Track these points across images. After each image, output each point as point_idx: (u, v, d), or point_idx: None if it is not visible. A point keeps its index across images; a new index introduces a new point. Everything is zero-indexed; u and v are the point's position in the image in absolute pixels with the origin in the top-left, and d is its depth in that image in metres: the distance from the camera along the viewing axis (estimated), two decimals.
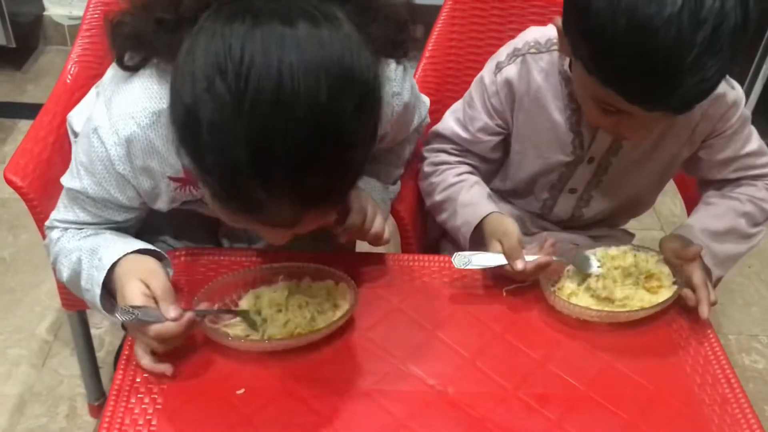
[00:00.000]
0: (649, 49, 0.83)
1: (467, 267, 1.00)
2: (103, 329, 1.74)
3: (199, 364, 0.90)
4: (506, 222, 1.06)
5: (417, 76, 1.37)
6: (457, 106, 1.21)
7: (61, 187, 1.02)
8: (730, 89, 1.07)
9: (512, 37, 1.40)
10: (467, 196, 1.14)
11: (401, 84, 1.01)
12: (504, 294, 1.03)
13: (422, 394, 0.89)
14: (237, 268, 1.01)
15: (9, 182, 1.08)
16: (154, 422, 0.83)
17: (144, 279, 0.87)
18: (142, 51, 0.89)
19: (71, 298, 1.28)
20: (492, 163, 1.21)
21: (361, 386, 0.90)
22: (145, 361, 0.88)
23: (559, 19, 0.97)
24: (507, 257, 1.00)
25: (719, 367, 0.96)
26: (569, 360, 0.95)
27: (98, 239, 0.96)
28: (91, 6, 1.31)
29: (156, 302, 0.86)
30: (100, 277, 0.90)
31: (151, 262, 0.91)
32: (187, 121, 0.71)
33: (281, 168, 0.69)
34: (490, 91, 1.13)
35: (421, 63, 1.38)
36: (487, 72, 1.14)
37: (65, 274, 0.97)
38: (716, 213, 1.11)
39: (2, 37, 2.42)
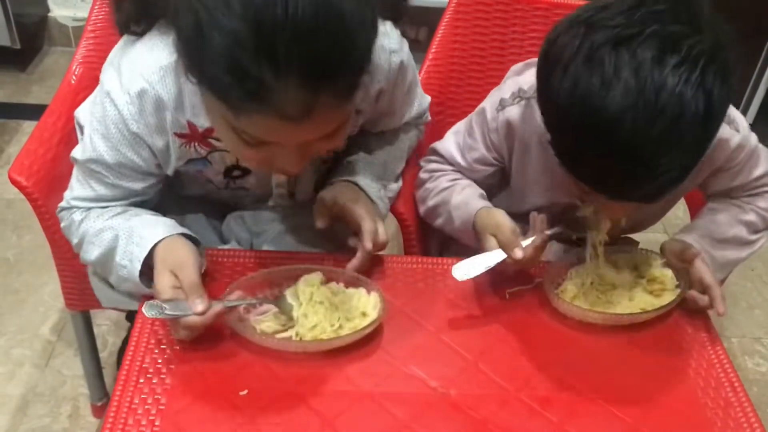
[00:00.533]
0: (604, 143, 0.80)
1: (469, 278, 0.98)
2: (106, 329, 1.75)
3: (203, 365, 0.90)
4: (496, 214, 1.03)
5: (420, 77, 1.37)
6: (459, 128, 1.19)
7: (65, 186, 1.03)
8: (735, 133, 1.04)
9: (515, 41, 1.42)
10: (459, 198, 1.12)
11: (399, 43, 1.01)
12: (507, 296, 1.03)
13: (425, 396, 0.90)
14: (256, 269, 1.01)
15: (14, 182, 1.08)
16: (157, 423, 0.83)
17: (174, 270, 0.89)
18: (146, 15, 0.92)
19: (75, 297, 1.29)
20: (487, 186, 1.19)
21: (364, 388, 0.90)
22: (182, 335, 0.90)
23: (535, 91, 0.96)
24: (504, 249, 0.98)
25: (722, 370, 0.96)
26: (572, 362, 0.95)
27: (134, 218, 0.97)
28: (96, 7, 1.32)
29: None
30: (142, 254, 0.92)
31: (184, 252, 0.92)
32: (193, 24, 0.72)
33: (284, 39, 0.69)
34: (490, 127, 1.12)
35: (424, 65, 1.38)
36: (489, 105, 1.12)
37: (95, 253, 0.98)
38: (718, 220, 1.11)
39: (7, 38, 2.42)
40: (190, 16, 0.73)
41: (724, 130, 1.01)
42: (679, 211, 2.14)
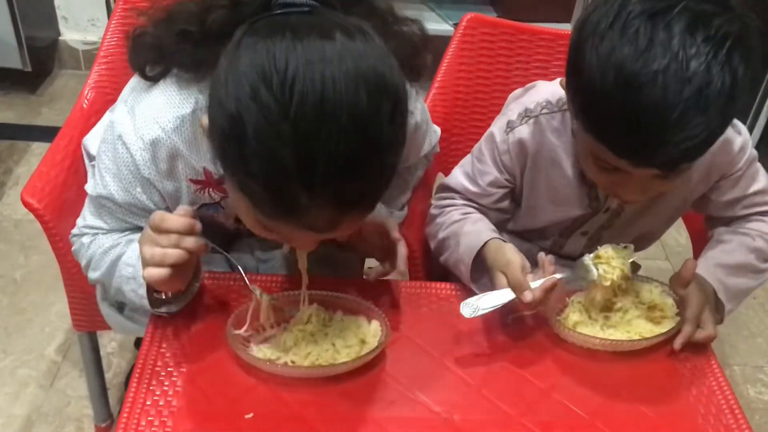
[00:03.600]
0: (635, 104, 0.84)
1: (477, 315, 0.98)
2: (112, 351, 1.76)
3: (209, 388, 0.91)
4: (506, 250, 1.03)
5: (427, 105, 1.39)
6: (466, 160, 1.21)
7: (75, 209, 1.05)
8: (737, 135, 1.09)
9: (519, 69, 1.45)
10: (470, 227, 1.13)
11: (413, 103, 1.03)
12: (510, 322, 1.04)
13: (428, 420, 0.90)
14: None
15: (26, 204, 1.10)
16: None
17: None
18: (163, 62, 0.93)
19: (83, 318, 1.30)
20: (499, 213, 1.21)
21: (368, 413, 0.91)
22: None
23: (563, 80, 0.99)
24: (513, 290, 0.99)
25: (723, 397, 0.97)
26: (574, 388, 0.96)
27: (136, 235, 0.98)
28: (109, 33, 1.34)
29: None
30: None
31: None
32: (231, 129, 0.73)
33: (325, 172, 0.72)
34: (501, 149, 1.14)
35: (430, 92, 1.40)
36: (497, 129, 1.15)
37: (102, 269, 0.99)
38: (728, 249, 1.13)
39: (18, 61, 2.46)
40: (228, 117, 0.73)
41: (728, 132, 1.04)
42: (682, 238, 2.17)
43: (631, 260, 1.02)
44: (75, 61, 2.78)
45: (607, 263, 1.00)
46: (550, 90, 1.13)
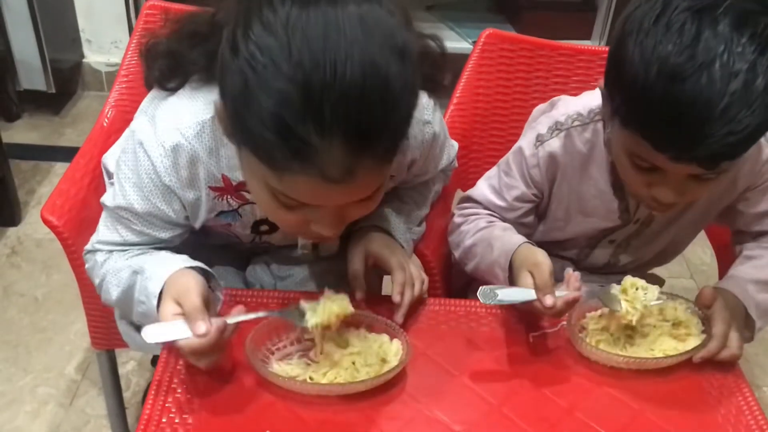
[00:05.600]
0: (679, 96, 0.84)
1: (493, 302, 0.97)
2: (131, 369, 1.75)
3: (225, 405, 0.90)
4: (537, 252, 1.02)
5: (445, 121, 1.38)
6: (492, 173, 1.21)
7: (94, 227, 1.05)
8: (766, 145, 1.08)
9: (539, 85, 1.44)
10: (501, 232, 1.12)
11: (432, 114, 1.03)
12: (531, 340, 1.02)
13: None
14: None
15: (46, 222, 1.11)
16: None
17: (177, 298, 0.88)
18: (179, 70, 0.94)
19: (101, 336, 1.30)
20: (522, 228, 1.19)
21: (387, 431, 0.89)
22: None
23: (602, 81, 0.98)
24: (537, 290, 0.97)
25: (753, 418, 0.94)
26: (597, 408, 0.94)
27: (148, 255, 0.98)
28: (129, 53, 1.36)
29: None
30: (156, 288, 0.90)
31: (189, 279, 0.89)
32: (241, 85, 0.74)
33: (332, 102, 0.71)
34: (530, 163, 1.13)
35: (448, 109, 1.39)
36: (526, 144, 1.14)
37: (115, 293, 0.98)
38: (759, 264, 1.11)
39: (43, 83, 2.50)
40: (239, 77, 0.74)
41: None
42: (706, 256, 2.14)
43: (655, 298, 1.00)
44: (98, 83, 2.82)
45: (631, 302, 0.99)
46: (581, 103, 1.12)
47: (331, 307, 0.92)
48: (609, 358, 0.97)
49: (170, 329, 0.86)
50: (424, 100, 1.02)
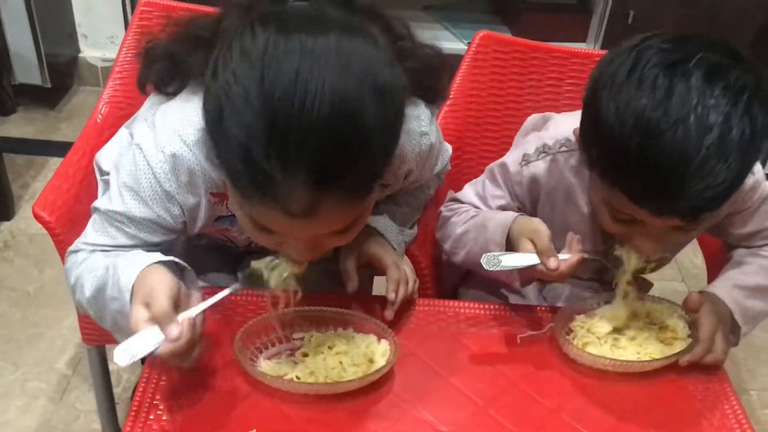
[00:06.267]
0: (656, 151, 0.84)
1: (497, 269, 0.96)
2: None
3: (213, 402, 0.90)
4: (534, 220, 1.03)
5: (438, 122, 1.39)
6: (478, 180, 1.21)
7: (86, 223, 1.04)
8: (750, 175, 1.05)
9: (532, 87, 1.44)
10: (491, 214, 1.12)
11: (429, 125, 1.03)
12: (518, 341, 1.03)
13: None
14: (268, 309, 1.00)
15: (37, 217, 1.11)
16: None
17: (145, 300, 0.84)
18: (177, 74, 0.94)
19: (92, 332, 1.30)
20: None
21: (373, 430, 0.90)
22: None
23: (577, 129, 0.99)
24: (540, 255, 0.97)
25: (737, 422, 0.95)
26: (583, 410, 0.94)
27: (126, 254, 0.96)
28: (124, 50, 1.36)
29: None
30: (128, 282, 0.86)
31: (156, 278, 0.86)
32: (215, 109, 0.75)
33: (296, 140, 0.71)
34: (514, 180, 1.14)
35: (442, 110, 1.40)
36: (511, 161, 1.14)
37: (88, 291, 0.94)
38: (747, 270, 1.12)
39: (38, 77, 2.49)
40: (215, 102, 0.75)
41: None
42: (698, 260, 2.14)
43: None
44: (94, 78, 2.81)
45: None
46: (571, 127, 1.12)
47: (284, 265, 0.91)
48: (595, 360, 0.98)
49: (142, 343, 0.82)
50: (422, 110, 1.01)
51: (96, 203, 0.99)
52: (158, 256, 0.91)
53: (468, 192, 1.21)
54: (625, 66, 0.87)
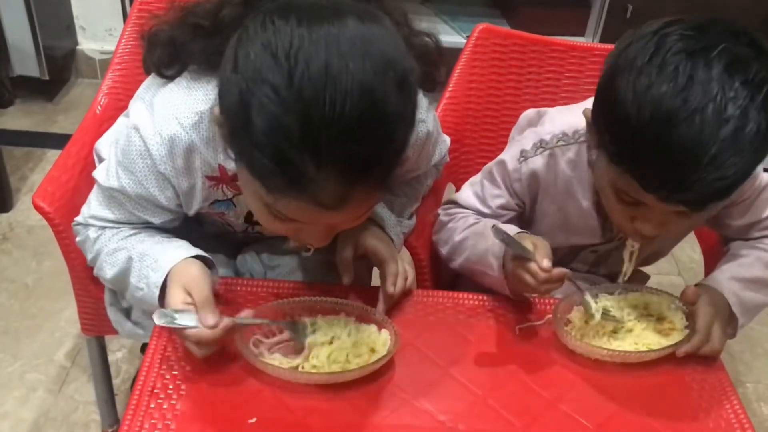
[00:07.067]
0: (672, 140, 0.84)
1: (500, 239, 0.97)
2: (120, 356, 1.76)
3: (213, 392, 0.91)
4: (537, 236, 1.03)
5: (437, 115, 1.39)
6: (476, 180, 1.21)
7: None
8: None
9: (531, 81, 1.45)
10: (493, 223, 1.11)
11: (426, 113, 1.04)
12: (516, 332, 1.03)
13: (433, 429, 0.90)
14: (269, 299, 1.02)
15: (37, 207, 1.11)
16: None
17: (187, 287, 0.91)
18: (177, 59, 0.95)
19: (91, 322, 1.30)
20: None
21: (372, 420, 0.90)
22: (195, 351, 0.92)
23: (588, 110, 0.99)
24: (537, 252, 0.98)
25: (734, 414, 0.95)
26: (581, 400, 0.95)
27: (146, 240, 0.99)
28: (123, 40, 1.36)
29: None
30: (159, 279, 0.93)
31: (195, 269, 0.93)
32: (239, 104, 0.75)
33: (330, 136, 0.71)
34: (513, 177, 1.14)
35: (441, 103, 1.40)
36: (509, 158, 1.15)
37: (110, 272, 1.00)
38: (744, 263, 1.12)
39: (36, 69, 2.49)
40: (238, 96, 0.75)
41: None
42: (695, 254, 2.15)
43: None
44: (92, 71, 2.81)
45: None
46: (567, 121, 1.12)
47: (328, 330, 0.96)
48: (593, 351, 0.99)
49: (180, 317, 0.88)
50: (419, 98, 1.02)
51: (96, 173, 1.01)
52: (189, 250, 0.96)
53: (467, 193, 1.21)
54: (646, 51, 0.87)
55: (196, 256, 0.96)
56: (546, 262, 0.96)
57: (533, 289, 0.99)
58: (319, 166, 0.73)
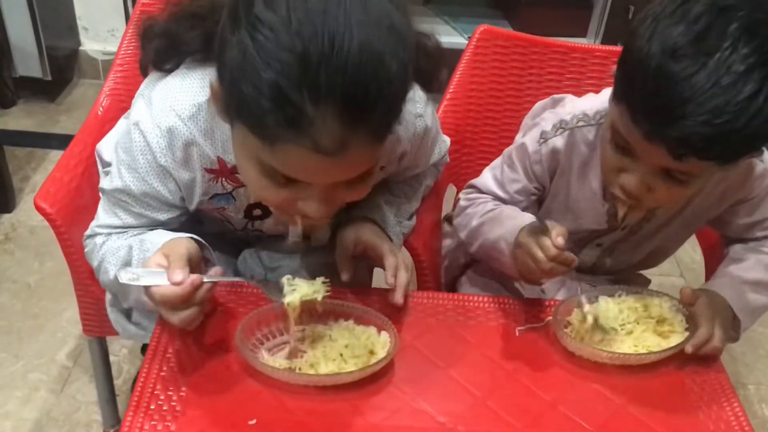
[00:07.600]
0: (671, 71, 0.85)
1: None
2: (122, 357, 1.76)
3: (213, 393, 0.91)
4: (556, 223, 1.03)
5: (438, 116, 1.39)
6: (496, 164, 1.22)
7: (87, 215, 1.06)
8: (759, 162, 1.09)
9: (532, 82, 1.45)
10: (510, 212, 1.14)
11: (424, 108, 1.05)
12: (517, 334, 1.04)
13: (432, 431, 0.90)
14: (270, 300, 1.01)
15: (39, 209, 1.11)
16: None
17: (166, 252, 0.89)
18: (174, 51, 0.96)
19: (93, 323, 1.31)
20: None
21: (372, 422, 0.90)
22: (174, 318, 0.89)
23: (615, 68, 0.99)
24: (551, 230, 0.97)
25: (734, 415, 0.95)
26: (581, 402, 0.95)
27: (149, 233, 0.99)
28: (125, 42, 1.36)
29: None
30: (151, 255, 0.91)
31: (182, 241, 0.91)
32: (237, 50, 0.75)
33: (329, 74, 0.71)
34: (533, 159, 1.15)
35: (442, 104, 1.40)
36: (530, 140, 1.15)
37: (113, 271, 0.98)
38: (745, 266, 1.13)
39: (39, 70, 2.50)
40: (238, 49, 0.75)
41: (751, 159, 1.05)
42: (696, 254, 2.14)
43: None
44: (94, 71, 2.81)
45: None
46: (588, 103, 1.14)
47: (307, 290, 0.93)
48: (593, 353, 0.99)
49: (147, 275, 0.86)
50: (418, 94, 1.03)
51: (101, 184, 1.02)
52: (183, 234, 0.95)
53: (486, 177, 1.21)
54: (673, 3, 0.88)
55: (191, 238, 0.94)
56: (560, 239, 0.96)
57: (540, 265, 0.98)
58: (318, 104, 0.73)
